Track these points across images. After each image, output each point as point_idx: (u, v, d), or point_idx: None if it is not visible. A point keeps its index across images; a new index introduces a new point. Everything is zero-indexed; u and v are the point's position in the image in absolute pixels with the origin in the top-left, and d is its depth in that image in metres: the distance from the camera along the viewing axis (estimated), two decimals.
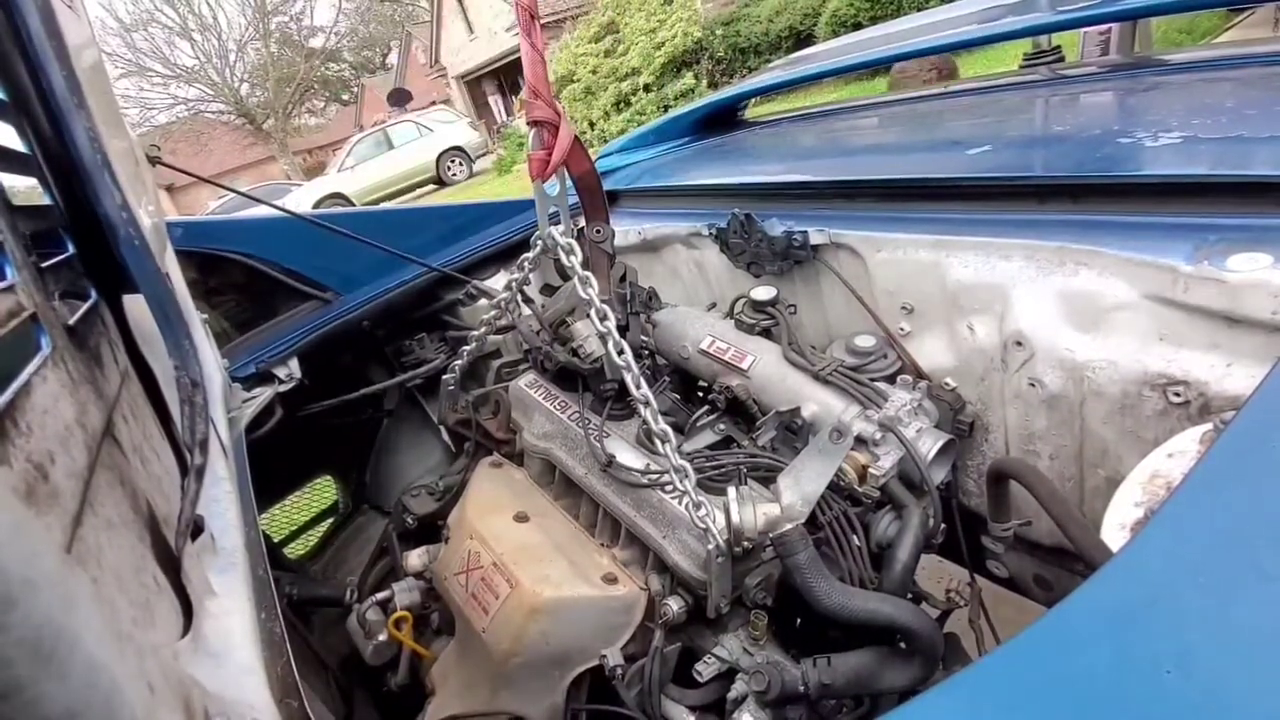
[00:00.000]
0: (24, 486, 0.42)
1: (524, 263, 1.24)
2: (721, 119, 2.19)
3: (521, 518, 1.21)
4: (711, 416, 1.23)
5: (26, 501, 0.41)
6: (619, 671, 1.00)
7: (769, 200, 1.50)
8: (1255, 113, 1.06)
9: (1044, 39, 1.99)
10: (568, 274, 1.09)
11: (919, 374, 1.25)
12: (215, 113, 27.89)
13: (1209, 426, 0.75)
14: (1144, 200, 0.98)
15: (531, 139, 1.07)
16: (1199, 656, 0.43)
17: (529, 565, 1.09)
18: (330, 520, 1.87)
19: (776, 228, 1.37)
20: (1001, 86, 1.72)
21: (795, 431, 1.16)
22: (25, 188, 0.75)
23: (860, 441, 1.08)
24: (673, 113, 2.28)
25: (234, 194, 2.44)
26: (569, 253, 1.08)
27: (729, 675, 0.99)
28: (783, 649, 1.00)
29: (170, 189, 26.00)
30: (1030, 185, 1.10)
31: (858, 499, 1.05)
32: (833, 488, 1.00)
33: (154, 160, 1.29)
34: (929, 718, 0.48)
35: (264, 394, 1.39)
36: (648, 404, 0.99)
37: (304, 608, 1.46)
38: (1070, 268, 1.00)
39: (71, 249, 0.78)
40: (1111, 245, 0.95)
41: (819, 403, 1.17)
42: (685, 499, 0.94)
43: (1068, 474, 1.10)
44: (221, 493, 0.84)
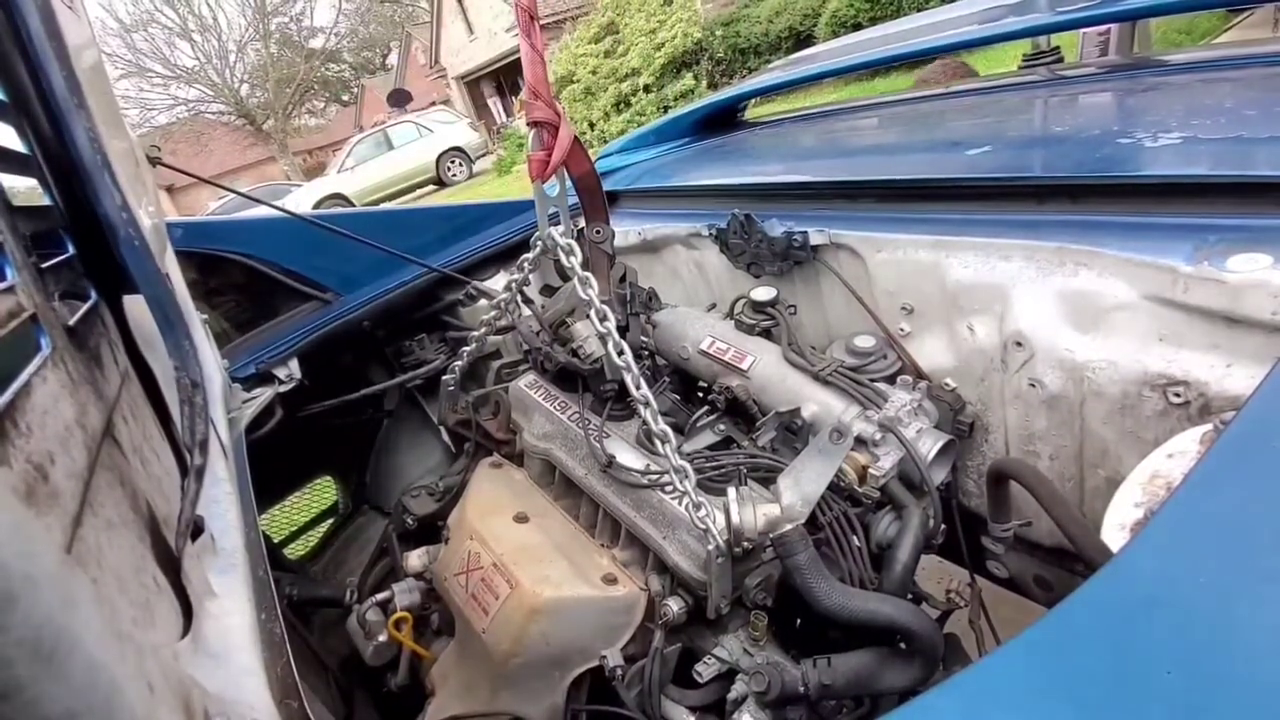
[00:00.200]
0: (24, 487, 0.42)
1: (524, 263, 1.24)
2: (721, 119, 2.19)
3: (521, 518, 1.21)
4: (711, 417, 1.23)
5: (26, 502, 0.41)
6: (619, 672, 1.00)
7: (769, 201, 1.50)
8: (1255, 113, 1.06)
9: (1043, 39, 1.99)
10: (568, 274, 1.08)
11: (919, 374, 1.24)
12: (215, 113, 27.92)
13: (1209, 427, 0.75)
14: (1144, 200, 0.98)
15: (531, 140, 1.06)
16: (1199, 657, 0.43)
17: (529, 566, 1.09)
18: (330, 521, 1.87)
19: (776, 228, 1.37)
20: (1001, 87, 1.72)
21: (795, 432, 1.15)
22: (25, 188, 0.75)
23: (860, 442, 1.08)
24: (672, 113, 2.28)
25: (234, 194, 2.45)
26: (569, 253, 1.07)
27: (729, 676, 0.99)
28: (783, 650, 1.00)
29: (170, 189, 26.01)
30: (1030, 186, 1.10)
31: (858, 499, 1.05)
32: (833, 488, 0.99)
33: (154, 161, 1.29)
34: (929, 718, 0.48)
35: (264, 394, 1.39)
36: (648, 404, 0.98)
37: (304, 608, 1.45)
38: (1070, 268, 1.00)
39: (71, 249, 0.78)
40: (1111, 246, 0.95)
41: (819, 403, 1.17)
42: (685, 499, 0.94)
43: (1068, 474, 1.10)
44: (221, 493, 0.84)
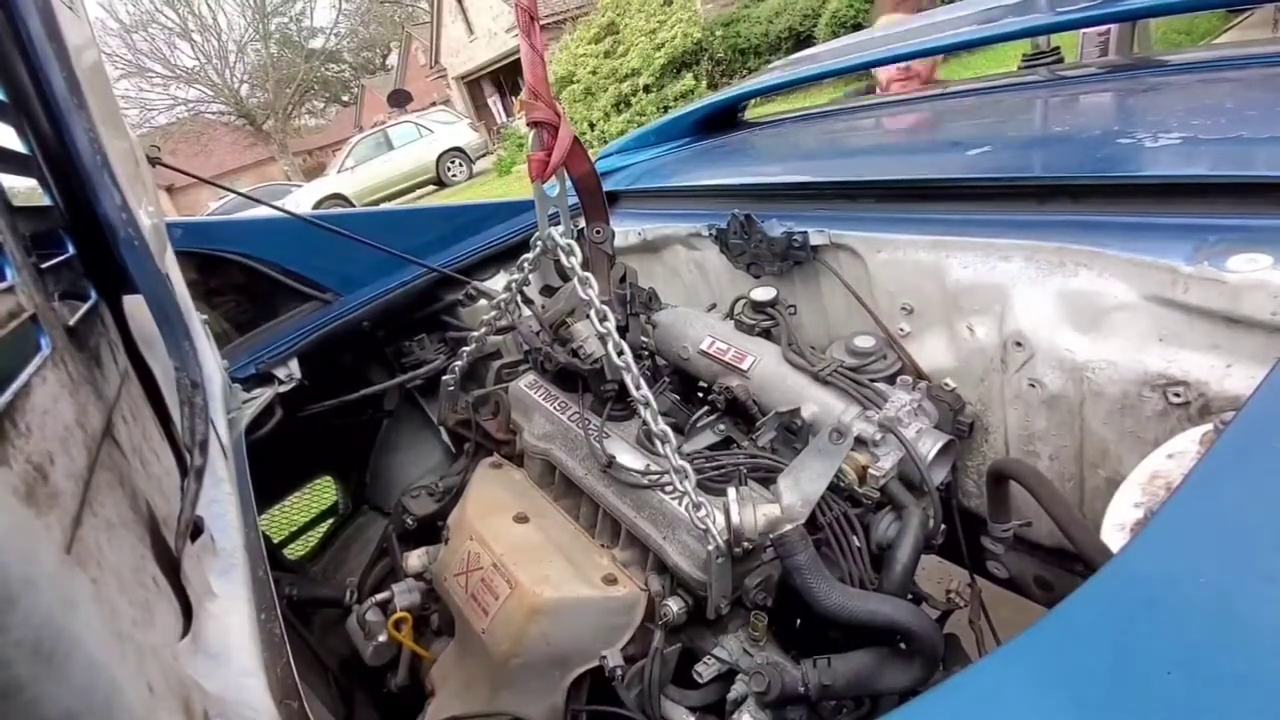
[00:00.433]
0: (24, 487, 0.42)
1: (524, 263, 1.23)
2: (721, 120, 2.19)
3: (521, 518, 1.21)
4: (711, 417, 1.23)
5: (26, 502, 0.41)
6: (619, 672, 0.99)
7: (769, 201, 1.50)
8: (1255, 113, 1.06)
9: (1043, 40, 1.99)
10: (568, 274, 1.08)
11: (919, 375, 1.24)
12: (215, 114, 27.94)
13: (1209, 427, 0.75)
14: (1144, 201, 0.98)
15: (531, 140, 1.06)
16: (1199, 657, 0.43)
17: (529, 566, 1.08)
18: (330, 521, 1.87)
19: (776, 228, 1.37)
20: (1001, 87, 1.72)
21: (795, 432, 1.15)
22: (25, 188, 0.75)
23: (860, 442, 1.07)
24: (672, 113, 2.28)
25: (234, 195, 2.45)
26: (569, 253, 1.07)
27: (729, 676, 0.98)
28: (783, 650, 1.00)
29: (170, 190, 26.01)
30: (1030, 186, 1.10)
31: (858, 499, 1.05)
32: (833, 488, 0.99)
33: (154, 161, 1.29)
34: (929, 718, 0.48)
35: (264, 395, 1.39)
36: (648, 405, 0.98)
37: (304, 609, 1.45)
38: (1070, 268, 1.00)
39: (71, 250, 0.78)
40: (1111, 246, 0.95)
41: (819, 403, 1.17)
42: (685, 500, 0.94)
43: (1068, 475, 1.10)
44: (221, 494, 0.84)
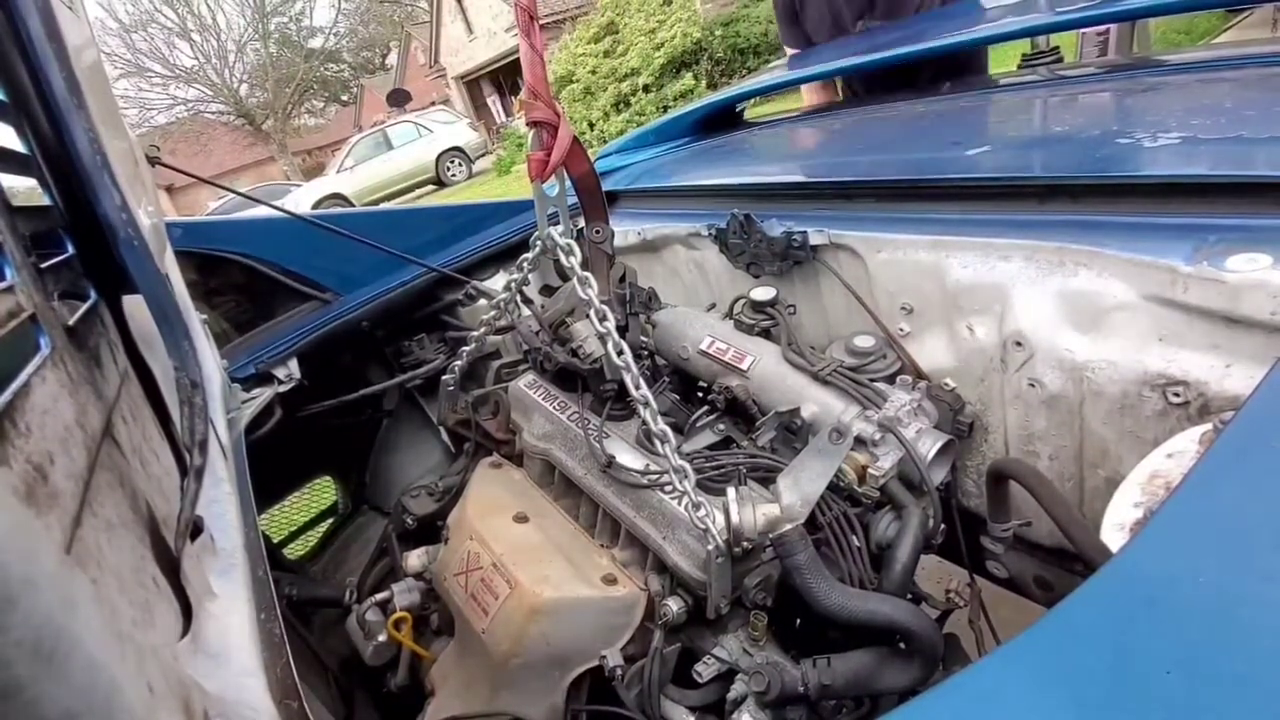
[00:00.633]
0: (23, 487, 0.42)
1: (523, 263, 1.24)
2: (721, 119, 2.19)
3: (521, 518, 1.21)
4: (711, 417, 1.23)
5: (26, 502, 0.41)
6: (619, 672, 0.99)
7: (768, 201, 1.50)
8: (1254, 113, 1.06)
9: (1042, 39, 1.99)
10: (567, 274, 1.09)
11: (919, 374, 1.24)
12: (215, 113, 27.93)
13: (1208, 427, 0.75)
14: (1143, 200, 0.98)
15: (531, 140, 1.06)
16: (1199, 657, 0.43)
17: (528, 566, 1.08)
18: (330, 521, 1.87)
19: (776, 228, 1.37)
20: (1000, 87, 1.72)
21: (795, 432, 1.15)
22: (25, 188, 0.75)
23: (860, 442, 1.07)
24: (672, 113, 2.28)
25: (233, 194, 2.44)
26: (568, 253, 1.07)
27: (729, 676, 0.98)
28: (783, 649, 1.00)
29: (170, 189, 26.01)
30: (1030, 185, 1.10)
31: (857, 499, 1.05)
32: (832, 488, 0.99)
33: (153, 161, 1.29)
34: (929, 718, 0.48)
35: (263, 395, 1.39)
36: (647, 404, 0.98)
37: (304, 608, 1.45)
38: (1070, 268, 1.00)
39: (71, 250, 0.78)
40: (1111, 245, 0.95)
41: (819, 403, 1.17)
42: (684, 499, 0.94)
43: (1067, 474, 1.10)
44: (221, 494, 0.84)
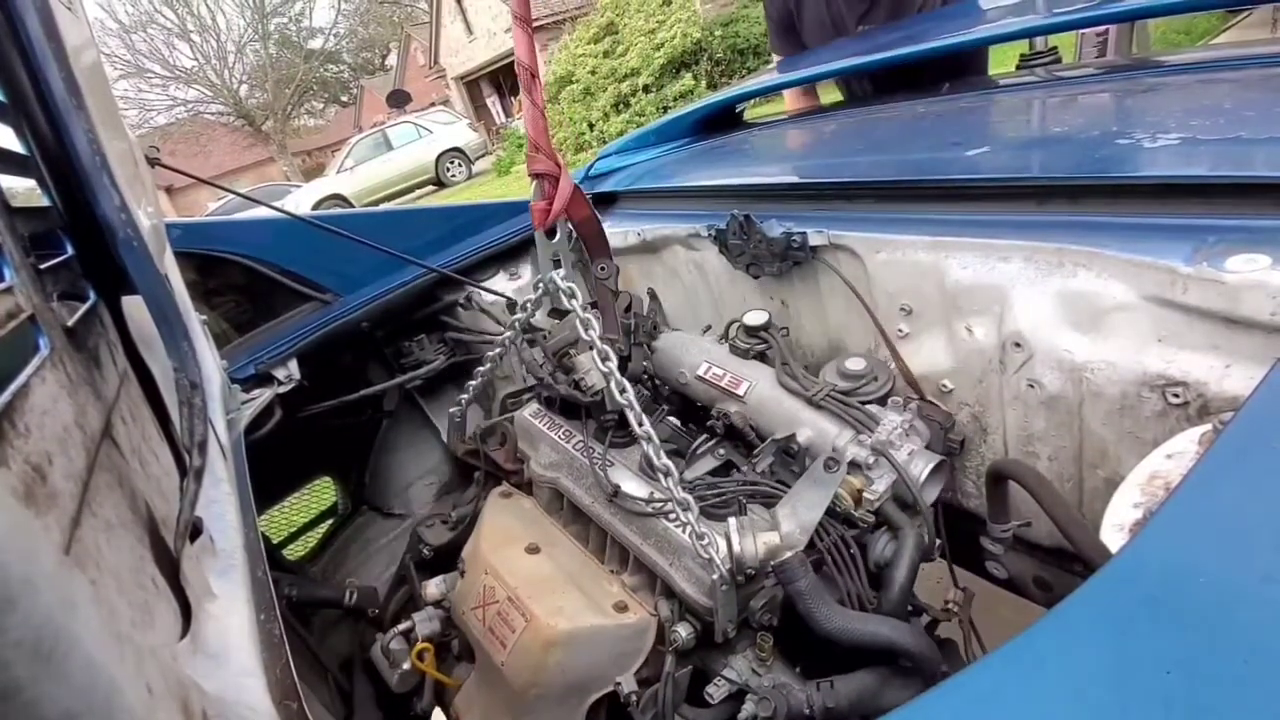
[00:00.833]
0: (22, 488, 0.42)
1: (527, 303, 1.27)
2: (721, 120, 2.20)
3: (533, 549, 1.23)
4: (711, 442, 1.25)
5: (25, 503, 0.41)
6: (634, 697, 1.02)
7: (768, 201, 1.50)
8: (1254, 113, 1.06)
9: (1040, 40, 2.00)
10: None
11: (911, 383, 1.25)
12: (214, 114, 27.94)
13: (1208, 427, 0.75)
14: (1143, 201, 0.98)
15: (533, 190, 1.13)
16: (1199, 657, 0.43)
17: (542, 598, 1.11)
18: (330, 521, 1.87)
19: (775, 229, 1.37)
20: (1000, 88, 1.72)
21: (793, 455, 1.18)
22: (24, 189, 0.75)
23: (854, 466, 1.10)
24: (672, 114, 2.28)
25: (233, 195, 2.44)
26: (570, 296, 1.12)
27: (740, 694, 1.01)
28: (789, 667, 1.02)
29: (169, 190, 26.02)
30: (1029, 186, 1.10)
31: (854, 522, 1.06)
32: (829, 512, 1.01)
33: (153, 161, 1.29)
34: (929, 718, 0.48)
35: (263, 395, 1.39)
36: (650, 440, 1.01)
37: (303, 609, 1.45)
38: (1069, 269, 1.00)
39: (70, 250, 0.78)
40: (1110, 246, 0.95)
41: (814, 428, 1.19)
42: (689, 529, 0.96)
43: (1067, 475, 1.10)
44: (220, 494, 0.84)
